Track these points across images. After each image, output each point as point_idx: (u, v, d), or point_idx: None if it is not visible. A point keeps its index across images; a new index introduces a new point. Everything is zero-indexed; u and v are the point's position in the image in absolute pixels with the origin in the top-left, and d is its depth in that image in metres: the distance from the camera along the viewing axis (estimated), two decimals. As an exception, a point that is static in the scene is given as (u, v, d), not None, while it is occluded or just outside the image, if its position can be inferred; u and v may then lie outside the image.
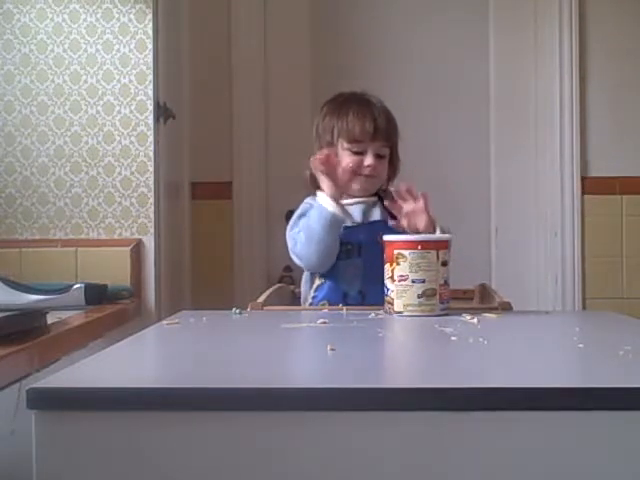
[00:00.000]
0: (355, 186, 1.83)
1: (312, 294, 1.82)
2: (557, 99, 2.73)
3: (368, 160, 1.81)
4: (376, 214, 1.85)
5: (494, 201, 2.80)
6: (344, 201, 1.82)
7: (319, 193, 1.77)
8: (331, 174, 1.74)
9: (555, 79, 2.73)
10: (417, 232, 1.68)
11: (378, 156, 1.83)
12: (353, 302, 1.75)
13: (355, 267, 1.77)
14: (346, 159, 1.82)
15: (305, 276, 1.88)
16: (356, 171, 1.82)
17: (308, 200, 1.86)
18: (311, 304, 1.81)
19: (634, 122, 2.73)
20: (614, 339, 1.27)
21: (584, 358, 1.13)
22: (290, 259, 1.83)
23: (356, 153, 1.82)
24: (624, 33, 2.73)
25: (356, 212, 1.84)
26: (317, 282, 1.82)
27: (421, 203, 1.71)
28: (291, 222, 1.84)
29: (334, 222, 1.72)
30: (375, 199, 1.87)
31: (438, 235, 1.64)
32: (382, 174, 1.86)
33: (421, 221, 1.70)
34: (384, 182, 1.89)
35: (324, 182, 1.75)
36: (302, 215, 1.82)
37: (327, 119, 1.87)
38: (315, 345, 1.30)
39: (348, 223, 1.80)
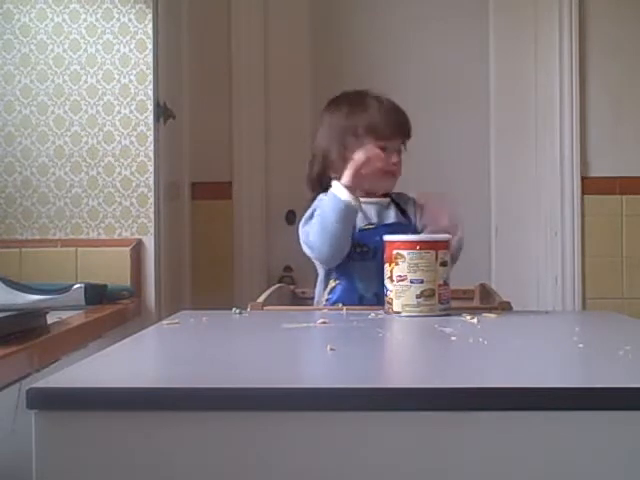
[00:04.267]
0: (382, 185, 1.81)
1: (326, 296, 1.80)
2: (557, 99, 2.73)
3: (395, 157, 1.79)
4: (391, 216, 1.83)
5: (494, 201, 2.80)
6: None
7: (334, 182, 1.73)
8: (359, 170, 1.70)
9: (555, 79, 2.73)
10: (437, 227, 1.68)
11: (398, 152, 1.82)
12: (369, 304, 1.73)
13: (369, 269, 1.74)
14: (376, 157, 1.79)
15: (320, 277, 1.84)
16: (384, 168, 1.79)
17: (322, 197, 1.81)
18: (325, 305, 1.79)
19: (634, 122, 2.73)
20: (614, 339, 1.27)
21: (584, 358, 1.13)
22: (290, 258, 1.82)
23: (382, 149, 1.78)
24: (624, 33, 2.73)
25: (371, 212, 1.82)
26: (332, 284, 1.79)
27: (447, 207, 1.71)
28: (305, 216, 1.80)
29: (348, 211, 1.68)
30: (388, 200, 1.85)
31: (437, 235, 1.63)
32: (401, 170, 1.84)
33: (444, 221, 1.69)
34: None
35: (348, 173, 1.70)
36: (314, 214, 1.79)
37: (348, 118, 1.82)
38: (315, 345, 1.30)
39: (362, 224, 1.78)
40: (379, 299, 1.73)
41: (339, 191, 1.70)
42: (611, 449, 0.86)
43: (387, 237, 1.57)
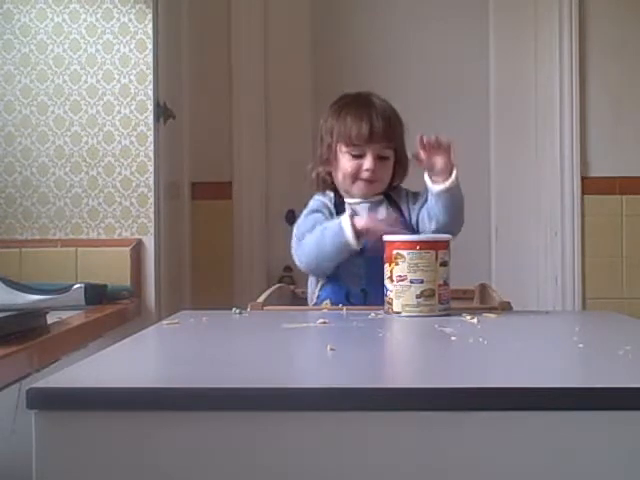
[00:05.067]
0: (356, 190, 1.83)
1: (317, 293, 1.82)
2: (557, 99, 2.73)
3: (367, 164, 1.79)
4: (382, 213, 1.84)
5: (494, 201, 2.80)
6: (350, 200, 1.82)
7: (347, 216, 1.71)
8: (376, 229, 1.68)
9: (555, 79, 2.73)
10: (433, 170, 1.71)
11: (380, 158, 1.81)
12: (356, 301, 1.74)
13: (358, 266, 1.76)
14: (346, 163, 1.81)
15: (311, 275, 1.88)
16: (356, 175, 1.80)
17: (318, 197, 1.85)
18: (316, 303, 1.81)
19: (634, 122, 2.73)
20: (614, 339, 1.27)
21: (584, 358, 1.13)
22: (290, 258, 1.83)
23: (355, 156, 1.81)
24: (624, 33, 2.73)
25: (362, 211, 1.83)
26: (321, 281, 1.82)
27: (444, 146, 1.71)
28: (301, 218, 1.83)
29: (347, 251, 1.70)
30: (381, 198, 1.86)
31: (437, 235, 1.63)
32: (384, 176, 1.84)
33: (440, 161, 1.71)
34: (387, 184, 1.87)
35: (366, 221, 1.69)
36: (313, 211, 1.81)
37: (328, 121, 1.86)
38: (315, 345, 1.30)
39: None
40: (366, 295, 1.75)
41: (348, 228, 1.68)
42: (611, 449, 0.86)
43: (387, 237, 1.57)
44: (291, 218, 2.70)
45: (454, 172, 1.72)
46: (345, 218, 1.71)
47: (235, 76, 2.76)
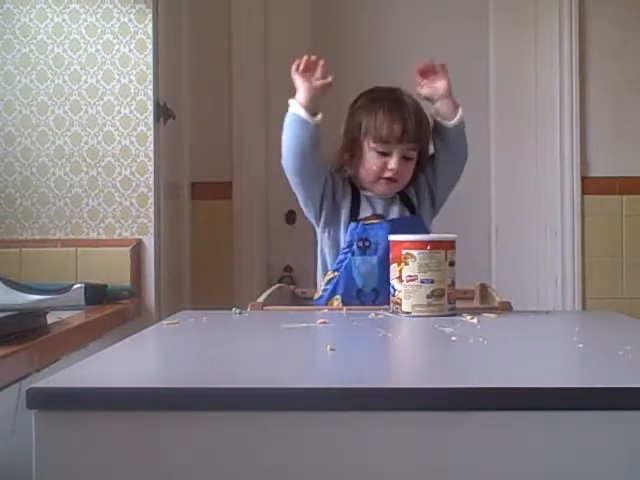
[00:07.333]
0: (377, 188, 1.83)
1: (324, 286, 1.82)
2: (557, 99, 2.73)
3: (392, 163, 1.79)
4: (394, 211, 1.84)
5: (494, 201, 2.80)
6: (365, 193, 1.83)
7: (290, 101, 1.81)
8: (307, 78, 1.79)
9: (555, 79, 2.73)
10: (436, 96, 1.83)
11: (404, 158, 1.81)
12: (367, 299, 1.75)
13: (370, 264, 1.76)
14: (371, 160, 1.80)
15: (319, 266, 1.87)
16: (379, 173, 1.80)
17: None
18: (322, 297, 1.81)
19: (634, 122, 2.73)
20: (614, 339, 1.27)
21: (584, 358, 1.13)
22: (290, 258, 1.83)
23: (382, 153, 1.80)
24: (624, 33, 2.73)
25: (378, 205, 1.84)
26: (329, 275, 1.81)
27: (441, 73, 1.83)
28: None
29: (297, 118, 1.77)
30: (394, 195, 1.86)
31: (445, 235, 1.62)
32: (405, 177, 1.83)
33: (440, 84, 1.83)
34: (407, 183, 1.87)
35: (299, 88, 1.79)
36: None
37: (357, 114, 1.85)
38: (315, 345, 1.30)
39: (368, 214, 1.81)
40: (377, 294, 1.75)
41: (293, 106, 1.80)
42: (611, 449, 0.86)
43: (396, 237, 1.56)
44: (291, 218, 2.70)
45: (459, 110, 1.84)
46: (291, 103, 1.80)
47: (235, 76, 2.76)
